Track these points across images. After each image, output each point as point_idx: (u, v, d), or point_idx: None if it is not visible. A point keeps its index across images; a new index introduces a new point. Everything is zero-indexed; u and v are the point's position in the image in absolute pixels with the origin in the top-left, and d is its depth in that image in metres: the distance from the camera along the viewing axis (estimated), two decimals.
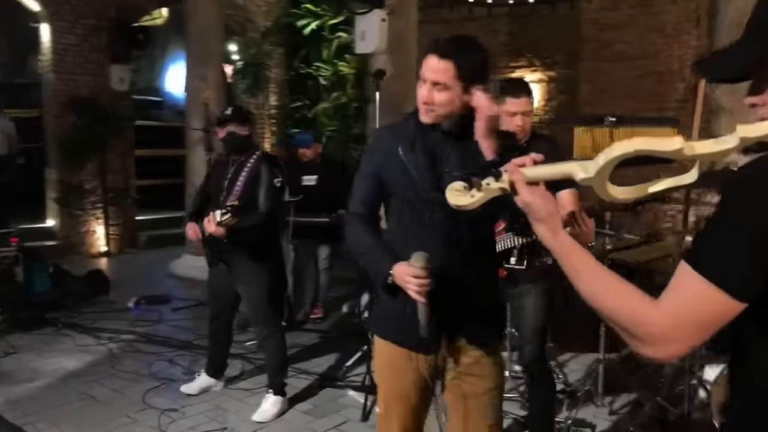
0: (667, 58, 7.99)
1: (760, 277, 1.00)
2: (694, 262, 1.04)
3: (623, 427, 3.46)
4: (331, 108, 10.21)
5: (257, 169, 3.64)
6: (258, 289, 3.73)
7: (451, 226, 1.94)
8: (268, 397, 3.72)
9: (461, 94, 1.92)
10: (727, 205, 1.04)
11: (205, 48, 7.36)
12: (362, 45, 5.79)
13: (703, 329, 1.04)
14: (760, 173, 1.03)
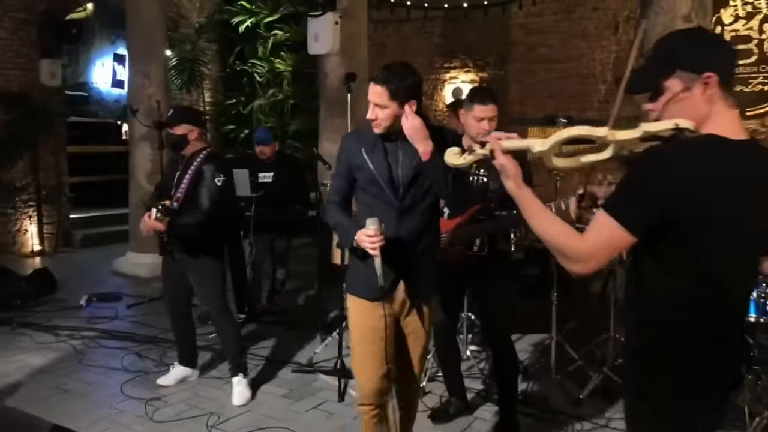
0: (589, 62, 8.61)
1: (646, 220, 1.51)
2: (607, 208, 1.56)
3: (573, 396, 3.86)
4: (267, 105, 10.32)
5: (200, 168, 3.80)
6: (203, 279, 3.91)
7: (401, 204, 2.54)
8: (240, 380, 3.93)
9: (398, 110, 2.44)
10: (629, 173, 1.56)
11: (147, 45, 7.33)
12: (315, 46, 5.99)
13: (610, 252, 1.57)
14: (650, 153, 1.53)
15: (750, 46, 7.58)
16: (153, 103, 6.99)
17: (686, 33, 1.76)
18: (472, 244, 3.28)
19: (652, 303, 1.62)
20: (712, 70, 1.54)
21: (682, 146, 1.51)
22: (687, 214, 1.50)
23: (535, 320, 4.71)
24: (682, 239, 1.53)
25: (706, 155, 1.52)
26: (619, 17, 8.35)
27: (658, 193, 1.49)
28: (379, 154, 2.54)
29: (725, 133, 1.54)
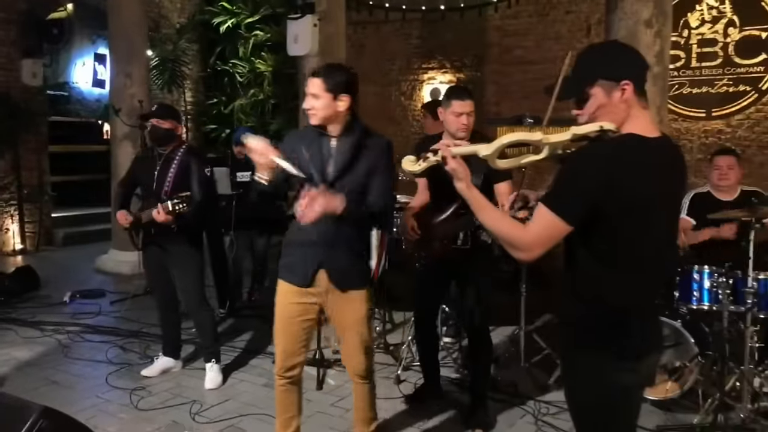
0: (562, 64, 8.83)
1: (579, 210, 1.72)
2: (545, 201, 1.76)
3: (541, 382, 4.07)
4: (248, 105, 10.44)
5: (186, 161, 3.99)
6: (190, 269, 4.08)
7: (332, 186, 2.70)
8: (212, 367, 4.13)
9: (332, 102, 2.65)
10: (563, 169, 1.78)
11: (129, 45, 7.43)
12: (295, 48, 6.15)
13: (550, 241, 1.77)
14: (581, 152, 1.78)
15: (715, 49, 7.87)
16: (135, 102, 7.12)
17: (604, 46, 2.12)
18: (456, 237, 3.45)
19: (586, 285, 1.85)
20: (628, 79, 1.77)
21: (606, 145, 1.75)
22: (613, 203, 1.71)
23: (509, 313, 4.90)
24: (611, 229, 1.75)
25: (627, 151, 1.75)
26: (591, 20, 8.61)
27: (588, 186, 1.71)
28: (316, 150, 2.73)
29: (642, 132, 1.78)
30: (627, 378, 1.85)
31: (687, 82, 8.06)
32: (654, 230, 1.81)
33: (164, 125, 4.01)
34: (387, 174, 2.81)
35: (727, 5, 7.78)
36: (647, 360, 1.91)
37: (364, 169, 2.74)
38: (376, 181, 2.75)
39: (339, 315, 2.87)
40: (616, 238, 1.77)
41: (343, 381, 4.08)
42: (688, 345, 3.55)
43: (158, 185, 4.00)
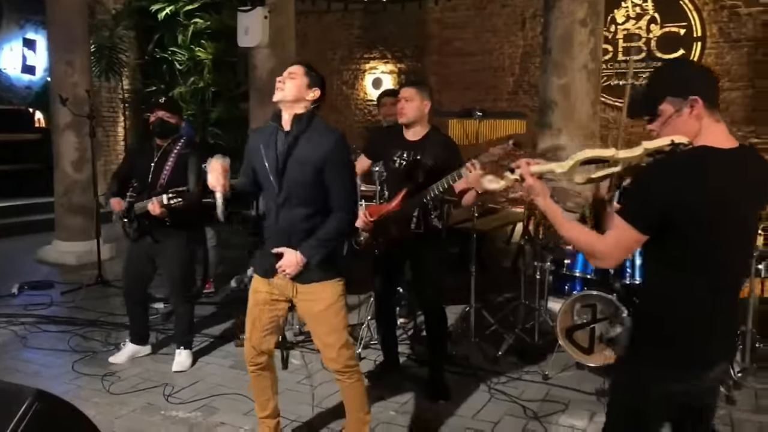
0: (499, 56, 9.24)
1: (652, 221, 1.84)
2: (620, 213, 1.90)
3: (491, 355, 4.40)
4: (188, 92, 10.38)
5: (183, 155, 4.09)
6: (179, 261, 4.21)
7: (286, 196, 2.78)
8: (181, 352, 4.29)
9: (304, 90, 2.75)
10: (637, 182, 1.91)
11: (70, 33, 7.30)
12: (245, 39, 6.25)
13: (626, 250, 1.91)
14: (653, 165, 1.89)
15: (639, 44, 8.42)
16: (78, 91, 7.03)
17: (673, 64, 2.23)
18: (410, 222, 3.70)
19: (659, 290, 1.96)
20: (697, 94, 1.88)
21: (677, 157, 1.85)
22: (685, 213, 1.81)
23: (456, 293, 5.22)
24: (682, 237, 1.85)
25: (697, 162, 1.84)
26: (526, 14, 9.01)
27: (660, 197, 1.81)
28: (272, 147, 2.77)
29: (715, 144, 1.87)
30: (679, 386, 1.93)
31: (614, 74, 8.60)
32: (728, 239, 1.88)
33: (172, 120, 4.09)
34: (345, 171, 2.82)
35: (650, 3, 8.34)
36: (712, 370, 1.97)
37: (311, 168, 2.71)
38: (334, 182, 2.75)
39: (305, 307, 2.90)
40: (687, 246, 1.86)
41: (308, 361, 4.30)
42: (623, 317, 3.93)
43: (154, 178, 4.08)
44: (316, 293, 2.85)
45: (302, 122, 2.74)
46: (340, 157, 2.77)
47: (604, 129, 8.37)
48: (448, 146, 3.66)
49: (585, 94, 5.15)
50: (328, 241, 2.79)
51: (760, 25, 7.91)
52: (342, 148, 2.79)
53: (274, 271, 2.83)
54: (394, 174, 3.75)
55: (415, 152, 3.66)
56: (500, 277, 6.31)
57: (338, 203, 2.79)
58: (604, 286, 4.13)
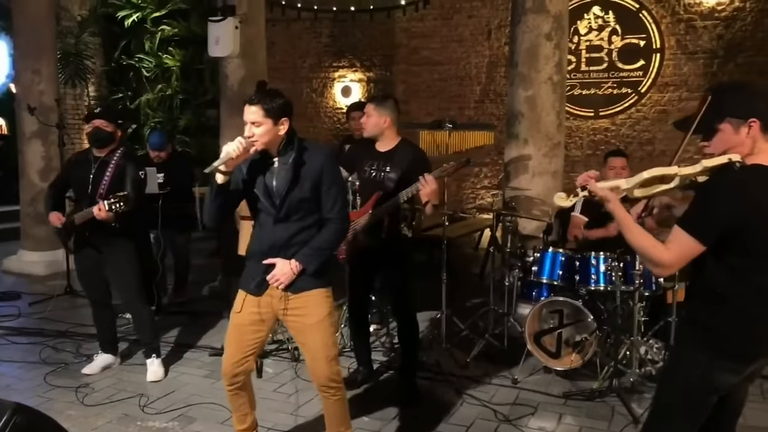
0: (466, 65, 9.41)
1: (715, 233, 2.00)
2: (682, 225, 2.04)
3: (462, 361, 4.51)
4: (155, 100, 10.31)
5: (122, 165, 4.12)
6: (126, 269, 4.22)
7: (278, 214, 2.81)
8: (153, 361, 4.29)
9: (273, 126, 2.71)
10: (700, 196, 2.05)
11: (37, 41, 7.23)
12: (216, 49, 6.27)
13: (687, 260, 2.05)
14: (715, 180, 2.04)
15: (601, 55, 8.67)
16: (45, 99, 6.97)
17: (735, 86, 2.36)
18: (380, 231, 3.80)
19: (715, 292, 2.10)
20: (756, 117, 2.04)
21: (738, 173, 2.01)
22: (746, 225, 1.97)
23: (426, 300, 5.33)
24: (743, 247, 2.02)
25: (757, 179, 2.01)
26: (492, 25, 9.20)
27: (723, 211, 1.98)
28: (271, 176, 2.80)
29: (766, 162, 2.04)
30: (731, 378, 2.11)
31: (577, 84, 8.83)
32: None
33: (108, 128, 4.10)
34: (338, 184, 2.88)
35: (611, 16, 8.60)
36: (758, 362, 2.16)
37: (309, 184, 2.79)
38: (328, 195, 2.82)
39: (296, 320, 2.88)
40: (748, 255, 2.03)
41: (281, 369, 4.36)
42: (588, 322, 4.09)
43: (93, 188, 4.09)
44: (308, 306, 2.85)
45: (291, 148, 2.80)
46: (332, 170, 2.87)
47: (567, 137, 8.59)
48: (415, 157, 3.76)
49: (550, 106, 5.31)
50: (323, 250, 2.86)
51: (715, 37, 8.22)
52: (333, 161, 2.91)
53: (265, 284, 2.84)
54: (366, 183, 3.87)
55: (384, 163, 3.77)
56: (469, 284, 6.45)
57: (332, 215, 2.86)
58: (570, 291, 4.28)
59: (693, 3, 8.26)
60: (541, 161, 5.25)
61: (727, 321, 2.09)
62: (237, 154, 2.66)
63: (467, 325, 4.90)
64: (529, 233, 5.11)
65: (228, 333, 2.96)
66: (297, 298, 2.85)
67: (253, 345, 2.93)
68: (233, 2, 6.17)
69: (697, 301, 2.20)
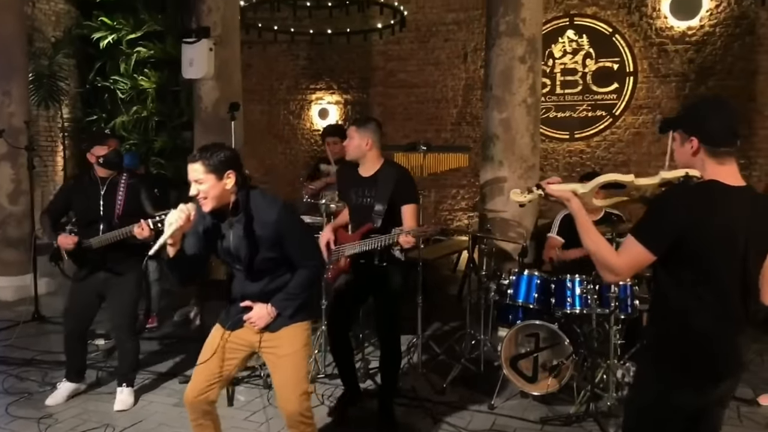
0: (442, 88, 9.46)
1: (664, 243, 2.00)
2: (633, 233, 2.07)
3: (438, 386, 4.44)
4: (130, 122, 10.21)
5: (132, 184, 4.08)
6: (133, 295, 4.17)
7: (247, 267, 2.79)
8: (123, 390, 4.17)
9: (218, 182, 2.64)
10: (652, 206, 2.08)
11: (6, 61, 7.13)
12: (190, 71, 6.23)
13: (637, 268, 2.08)
14: (668, 191, 2.07)
15: (576, 78, 8.77)
16: (15, 121, 6.86)
17: (701, 102, 2.38)
18: (373, 257, 3.71)
19: (669, 309, 2.12)
20: (696, 136, 2.06)
21: (690, 186, 2.04)
22: (695, 237, 1.98)
23: (402, 323, 5.27)
24: (693, 260, 2.02)
25: (709, 193, 2.02)
26: (468, 48, 9.28)
27: (673, 221, 1.99)
28: (227, 234, 2.76)
29: (725, 181, 2.04)
30: (692, 399, 2.08)
31: (552, 107, 8.91)
32: (739, 265, 2.04)
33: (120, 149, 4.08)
34: (298, 234, 2.83)
35: (585, 39, 8.71)
36: (724, 384, 2.12)
37: (268, 243, 2.73)
38: (292, 247, 2.77)
39: (269, 353, 2.85)
40: (697, 269, 2.03)
41: (252, 396, 4.25)
42: (564, 345, 4.05)
43: (107, 209, 4.01)
44: (282, 338, 2.83)
45: (242, 208, 2.73)
46: (289, 225, 2.78)
47: (543, 159, 8.63)
48: (399, 180, 3.69)
49: (525, 128, 5.33)
50: (298, 294, 2.83)
51: (687, 61, 8.36)
52: (288, 215, 2.80)
53: (242, 323, 2.83)
54: (355, 209, 3.81)
55: (368, 188, 3.72)
56: (446, 306, 6.40)
57: (302, 262, 2.82)
58: (546, 315, 4.25)
59: (664, 27, 8.40)
60: (516, 183, 5.25)
61: (679, 337, 2.08)
62: (181, 223, 2.58)
63: (443, 349, 4.84)
64: (505, 255, 5.08)
65: (198, 360, 2.90)
66: (272, 334, 2.83)
67: (219, 374, 2.87)
68: (208, 24, 6.14)
69: (653, 319, 2.21)
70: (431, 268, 7.42)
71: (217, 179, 2.63)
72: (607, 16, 8.63)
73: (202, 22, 6.22)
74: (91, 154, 4.07)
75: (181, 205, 2.61)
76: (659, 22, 8.41)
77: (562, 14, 8.78)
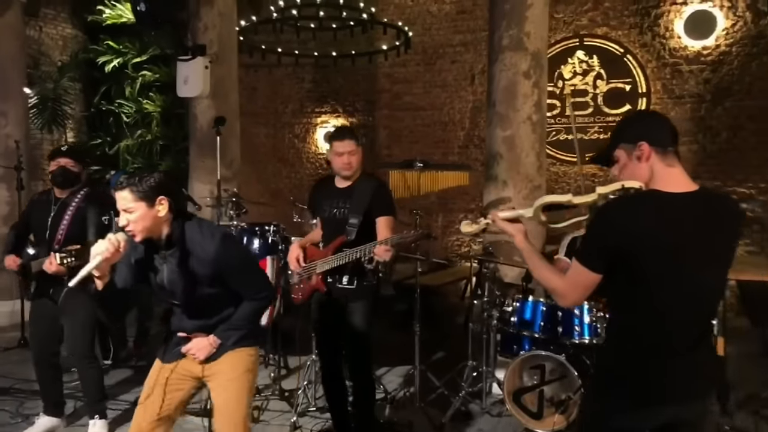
0: (449, 110, 9.24)
1: (600, 260, 1.95)
2: (576, 256, 2.02)
3: (437, 421, 4.13)
4: (135, 145, 10.11)
5: (82, 208, 3.81)
6: (82, 320, 3.88)
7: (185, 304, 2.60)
8: (96, 422, 3.90)
9: (149, 210, 2.43)
10: (588, 226, 2.04)
11: (4, 82, 7.03)
12: (185, 89, 6.06)
13: (583, 289, 2.00)
14: (598, 211, 1.99)
15: (586, 99, 8.51)
16: (10, 142, 6.71)
17: (628, 116, 2.43)
18: (342, 276, 3.47)
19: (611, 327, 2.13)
20: (643, 140, 1.97)
21: (622, 199, 1.97)
22: (631, 252, 1.89)
23: (404, 352, 4.98)
24: (630, 275, 1.93)
25: (642, 204, 1.94)
26: (475, 69, 9.07)
27: (605, 237, 1.93)
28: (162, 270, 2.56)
29: (669, 188, 1.93)
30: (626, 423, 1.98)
31: (563, 129, 8.64)
32: (680, 279, 1.92)
33: (74, 168, 3.82)
34: (242, 267, 2.64)
35: (595, 60, 8.47)
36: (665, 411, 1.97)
37: (207, 279, 2.53)
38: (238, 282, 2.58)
39: (213, 379, 2.67)
40: (635, 284, 1.94)
41: None
42: (572, 378, 3.73)
43: (51, 233, 3.79)
44: (225, 363, 2.64)
45: (176, 241, 2.52)
46: (230, 260, 2.55)
47: (554, 183, 8.36)
48: (376, 191, 3.47)
49: (530, 146, 5.06)
50: (243, 326, 2.64)
51: (702, 81, 8.08)
52: (228, 249, 2.57)
53: (181, 355, 2.66)
54: (328, 223, 3.58)
55: (343, 200, 3.50)
56: (452, 335, 6.08)
57: (249, 294, 2.63)
58: (553, 344, 3.94)
59: (678, 47, 8.14)
60: (521, 204, 4.95)
61: (616, 358, 2.04)
62: (108, 255, 2.38)
63: (443, 381, 4.52)
64: (510, 280, 4.78)
65: (140, 398, 2.69)
66: (214, 362, 2.65)
67: (166, 408, 2.65)
68: (204, 42, 5.98)
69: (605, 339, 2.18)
70: (439, 296, 7.13)
71: (147, 207, 2.43)
72: (618, 36, 8.38)
73: (198, 39, 6.07)
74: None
75: (110, 235, 2.42)
76: (673, 42, 8.15)
77: (571, 35, 8.55)
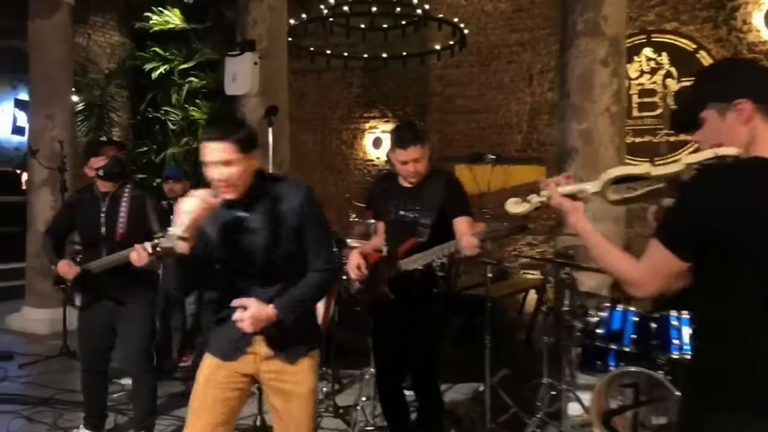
0: (506, 113, 8.81)
1: (692, 244, 1.58)
2: (658, 236, 1.63)
3: None
4: (181, 153, 9.97)
5: (138, 197, 3.56)
6: (141, 326, 3.59)
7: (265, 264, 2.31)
8: None
9: (249, 162, 2.23)
10: (676, 201, 1.64)
11: (52, 86, 6.90)
12: (233, 87, 5.79)
13: (664, 278, 1.64)
14: (693, 181, 1.63)
15: (655, 100, 7.98)
16: (56, 145, 6.55)
17: (715, 66, 2.01)
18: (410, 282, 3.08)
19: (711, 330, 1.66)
20: (743, 97, 1.61)
21: (717, 169, 1.59)
22: (737, 235, 1.53)
23: (463, 369, 4.55)
24: (733, 265, 1.56)
25: (744, 174, 1.57)
26: (533, 70, 8.65)
27: (703, 220, 1.55)
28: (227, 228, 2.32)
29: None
30: None
31: (630, 131, 8.10)
32: None
33: (123, 158, 3.61)
34: (319, 226, 2.40)
35: (665, 57, 7.94)
36: None
37: (291, 233, 2.31)
38: (311, 238, 2.34)
39: (276, 388, 2.38)
40: (739, 276, 1.57)
41: None
42: (672, 399, 3.24)
43: (108, 228, 3.50)
44: (298, 371, 2.36)
45: (262, 194, 2.30)
46: (313, 212, 2.37)
47: None
48: (449, 188, 3.09)
49: (609, 140, 4.59)
50: (304, 302, 2.35)
51: None
52: (311, 200, 2.38)
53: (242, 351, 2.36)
54: (394, 226, 3.18)
55: (412, 200, 3.11)
56: (514, 352, 5.62)
57: (319, 262, 2.36)
58: (645, 360, 3.45)
59: (757, 42, 7.55)
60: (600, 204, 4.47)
61: (737, 368, 1.59)
62: (199, 213, 2.13)
63: (516, 400, 4.06)
64: (588, 289, 4.29)
65: (190, 407, 2.42)
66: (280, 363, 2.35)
67: (221, 411, 2.36)
68: (253, 37, 5.71)
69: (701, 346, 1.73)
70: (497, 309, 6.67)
71: (247, 159, 2.22)
72: (690, 32, 7.84)
73: (246, 35, 5.80)
74: (89, 168, 3.61)
75: (198, 190, 2.15)
76: (751, 35, 7.57)
77: (637, 31, 8.02)
